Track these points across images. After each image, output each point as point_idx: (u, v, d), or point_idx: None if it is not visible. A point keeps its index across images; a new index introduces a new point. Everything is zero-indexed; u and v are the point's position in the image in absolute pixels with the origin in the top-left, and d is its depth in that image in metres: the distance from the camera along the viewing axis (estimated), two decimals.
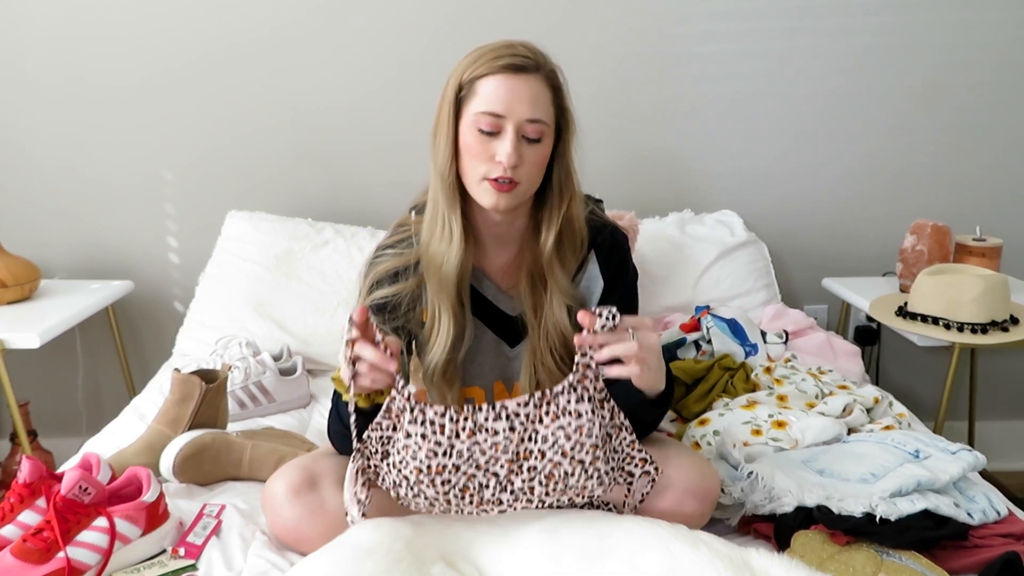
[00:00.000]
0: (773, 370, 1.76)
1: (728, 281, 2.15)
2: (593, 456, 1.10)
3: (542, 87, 1.20)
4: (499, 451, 1.10)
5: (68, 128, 2.25)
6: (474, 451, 1.11)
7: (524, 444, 1.11)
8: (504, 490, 1.12)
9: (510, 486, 1.12)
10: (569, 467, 1.10)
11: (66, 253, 2.33)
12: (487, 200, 1.21)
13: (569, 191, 1.28)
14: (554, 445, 1.10)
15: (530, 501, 1.13)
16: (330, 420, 1.26)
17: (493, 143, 1.18)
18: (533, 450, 1.11)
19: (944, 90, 2.31)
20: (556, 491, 1.12)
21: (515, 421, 1.10)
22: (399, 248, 1.30)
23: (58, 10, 2.17)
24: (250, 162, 2.30)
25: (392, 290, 1.27)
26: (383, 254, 1.31)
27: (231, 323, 2.01)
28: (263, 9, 2.20)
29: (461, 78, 1.20)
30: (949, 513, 1.24)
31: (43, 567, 1.12)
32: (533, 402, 1.11)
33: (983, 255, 2.05)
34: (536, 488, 1.12)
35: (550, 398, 1.10)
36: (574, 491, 1.13)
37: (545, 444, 1.10)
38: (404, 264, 1.28)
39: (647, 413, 1.23)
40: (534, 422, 1.11)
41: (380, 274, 1.29)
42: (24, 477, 1.22)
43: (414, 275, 1.28)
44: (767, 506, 1.29)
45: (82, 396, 2.40)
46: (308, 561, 1.09)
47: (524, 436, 1.11)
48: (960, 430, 2.44)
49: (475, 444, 1.10)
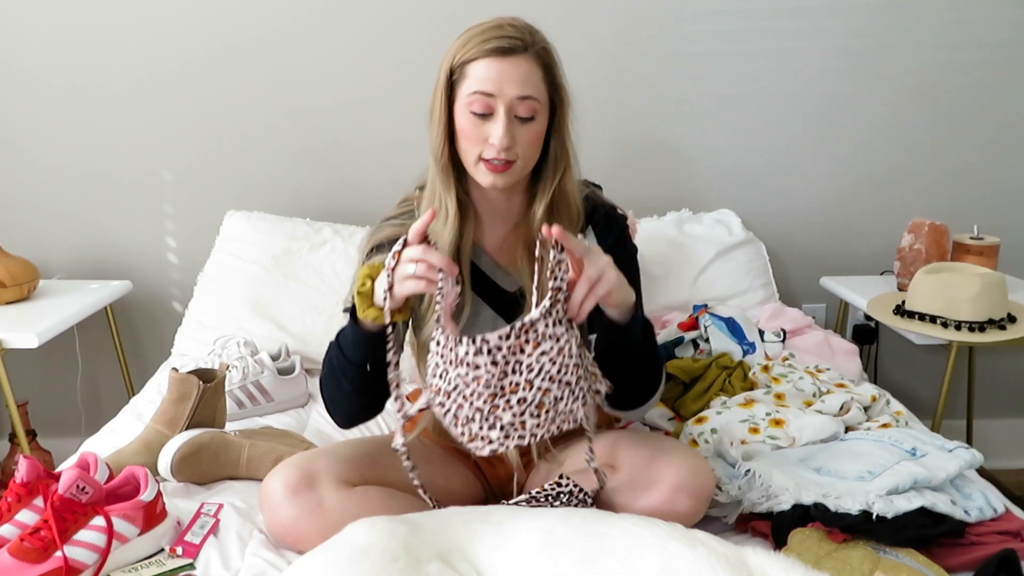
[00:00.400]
0: (771, 369, 1.76)
1: (726, 280, 2.15)
2: (577, 376, 1.12)
3: (532, 66, 1.20)
4: (480, 385, 1.10)
5: (67, 128, 2.25)
6: (458, 383, 1.11)
7: (508, 378, 1.10)
8: (492, 427, 1.11)
9: (498, 422, 1.11)
10: (558, 391, 1.11)
11: (65, 253, 2.33)
12: (485, 180, 1.24)
13: (563, 163, 1.29)
14: (540, 372, 1.10)
15: (522, 437, 1.12)
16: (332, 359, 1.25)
17: (486, 125, 1.20)
18: (519, 382, 1.10)
19: (941, 89, 2.31)
20: (547, 420, 1.12)
21: (496, 355, 1.09)
22: (401, 219, 1.33)
23: (56, 11, 2.18)
24: (248, 162, 2.30)
25: None
26: (385, 223, 1.34)
27: (229, 323, 2.02)
28: (261, 10, 2.20)
29: (452, 62, 1.22)
30: (946, 511, 1.24)
31: (40, 566, 1.12)
32: (514, 333, 1.10)
33: (980, 254, 2.05)
34: (528, 421, 1.11)
35: (528, 326, 1.10)
36: (562, 417, 1.13)
37: (531, 373, 1.10)
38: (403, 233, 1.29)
39: (634, 336, 1.21)
40: (515, 353, 1.10)
41: (381, 239, 1.32)
42: (22, 476, 1.22)
43: None
44: (764, 504, 1.29)
45: (81, 396, 2.40)
46: (305, 560, 1.09)
47: (507, 370, 1.10)
48: (958, 428, 2.44)
49: (458, 376, 1.10)
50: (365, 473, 1.27)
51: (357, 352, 1.19)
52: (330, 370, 1.26)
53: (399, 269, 1.11)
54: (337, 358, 1.23)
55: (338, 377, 1.24)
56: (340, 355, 1.22)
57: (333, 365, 1.25)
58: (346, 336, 1.21)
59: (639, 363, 1.24)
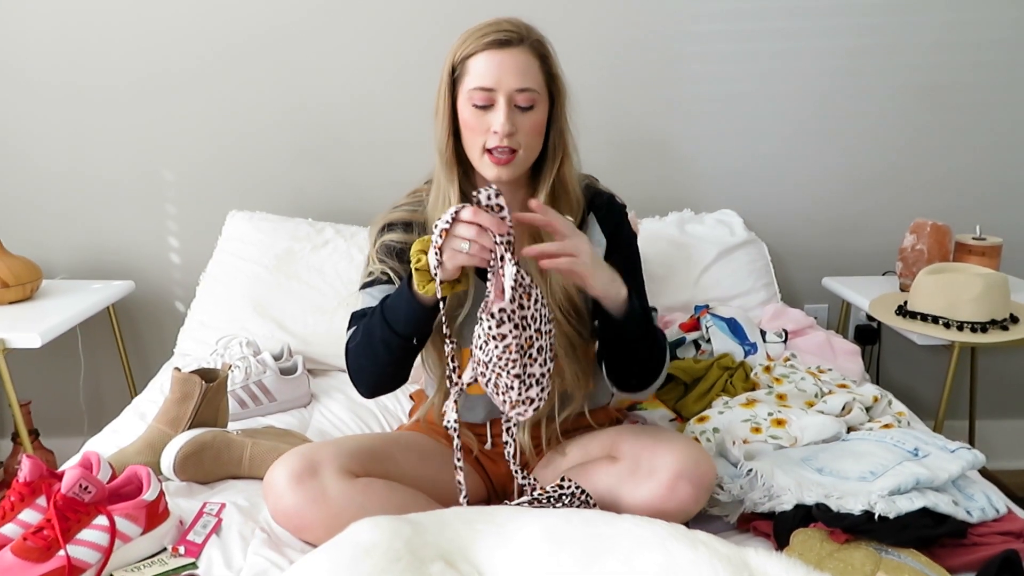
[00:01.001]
0: (772, 369, 1.76)
1: (728, 281, 2.15)
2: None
3: (529, 57, 1.25)
4: (513, 352, 1.13)
5: (69, 129, 2.26)
6: (492, 356, 1.14)
7: (525, 333, 1.14)
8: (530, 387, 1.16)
9: (532, 379, 1.15)
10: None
11: (67, 253, 2.34)
12: (490, 173, 1.27)
13: (560, 152, 1.33)
14: (541, 319, 1.15)
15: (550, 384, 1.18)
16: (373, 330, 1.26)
17: (488, 116, 1.25)
18: (531, 335, 1.15)
19: (943, 89, 2.31)
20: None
21: (515, 317, 1.13)
22: (411, 206, 1.38)
23: (58, 12, 2.18)
24: (251, 162, 2.30)
25: (404, 236, 1.34)
26: (396, 208, 1.38)
27: (232, 323, 2.02)
28: (263, 9, 2.20)
29: (453, 59, 1.27)
30: (948, 511, 1.24)
31: (43, 565, 1.12)
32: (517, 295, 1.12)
33: (983, 254, 2.05)
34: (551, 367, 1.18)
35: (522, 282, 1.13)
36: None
37: (537, 323, 1.15)
38: (414, 219, 1.36)
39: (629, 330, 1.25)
40: (522, 309, 1.14)
41: (393, 219, 1.36)
42: (24, 476, 1.22)
43: (422, 233, 1.34)
44: (766, 504, 1.29)
45: (83, 396, 2.40)
46: (308, 559, 1.10)
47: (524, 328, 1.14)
48: (961, 429, 2.44)
49: (494, 348, 1.14)
50: (367, 465, 1.29)
51: (409, 326, 1.22)
52: (368, 341, 1.27)
53: (451, 242, 1.13)
54: (381, 330, 1.24)
55: (376, 349, 1.26)
56: (386, 328, 1.23)
57: (374, 336, 1.26)
58: (395, 310, 1.23)
59: (638, 351, 1.28)
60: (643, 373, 1.31)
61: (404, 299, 1.21)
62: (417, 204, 1.38)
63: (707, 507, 1.33)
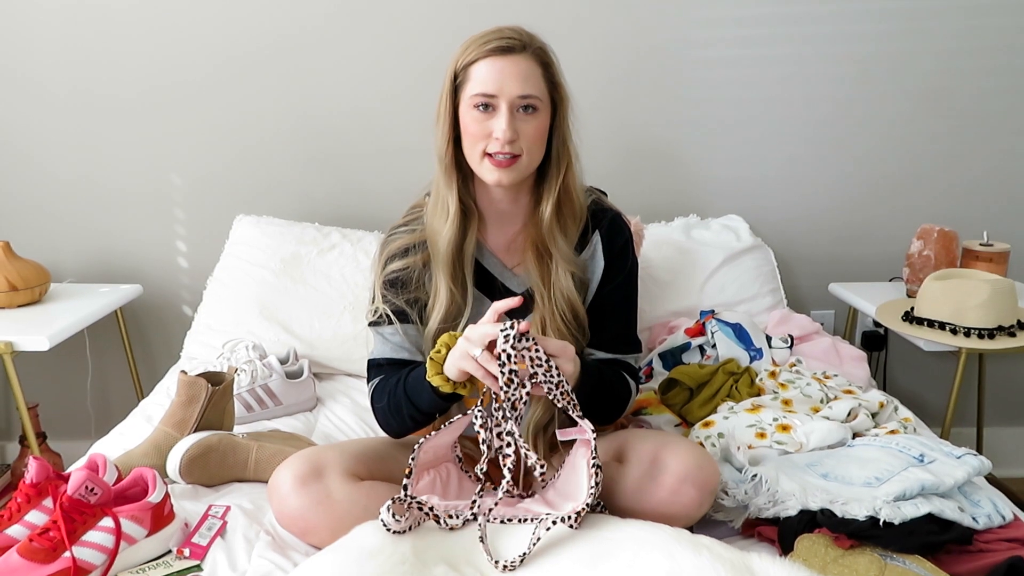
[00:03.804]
0: (778, 375, 1.76)
1: (734, 286, 2.15)
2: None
3: (531, 64, 1.26)
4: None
5: (78, 135, 2.28)
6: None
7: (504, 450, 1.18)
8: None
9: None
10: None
11: (75, 257, 2.35)
12: (490, 177, 1.28)
13: (565, 160, 1.33)
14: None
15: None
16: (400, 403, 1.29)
17: (490, 121, 1.25)
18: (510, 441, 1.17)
19: (950, 95, 2.30)
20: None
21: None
22: (410, 226, 1.38)
23: (68, 20, 2.20)
24: (258, 167, 2.31)
25: (403, 263, 1.35)
26: (395, 232, 1.39)
27: (238, 327, 2.02)
28: (272, 17, 2.22)
29: (456, 65, 1.28)
30: (954, 517, 1.23)
31: (49, 567, 1.12)
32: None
33: (990, 260, 2.04)
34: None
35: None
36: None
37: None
38: (413, 241, 1.36)
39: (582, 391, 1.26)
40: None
41: (393, 250, 1.37)
42: (31, 477, 1.23)
43: (422, 251, 1.35)
44: (771, 509, 1.29)
45: (90, 398, 2.42)
46: (312, 562, 1.10)
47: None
48: (968, 436, 2.43)
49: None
50: (372, 468, 1.29)
51: (433, 406, 1.26)
52: (394, 410, 1.31)
53: (456, 353, 1.17)
54: (407, 406, 1.29)
55: (404, 418, 1.31)
56: (411, 406, 1.28)
57: (401, 410, 1.30)
58: (418, 393, 1.26)
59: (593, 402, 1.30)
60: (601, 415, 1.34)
61: (426, 389, 1.24)
62: (416, 221, 1.38)
63: (711, 512, 1.32)
